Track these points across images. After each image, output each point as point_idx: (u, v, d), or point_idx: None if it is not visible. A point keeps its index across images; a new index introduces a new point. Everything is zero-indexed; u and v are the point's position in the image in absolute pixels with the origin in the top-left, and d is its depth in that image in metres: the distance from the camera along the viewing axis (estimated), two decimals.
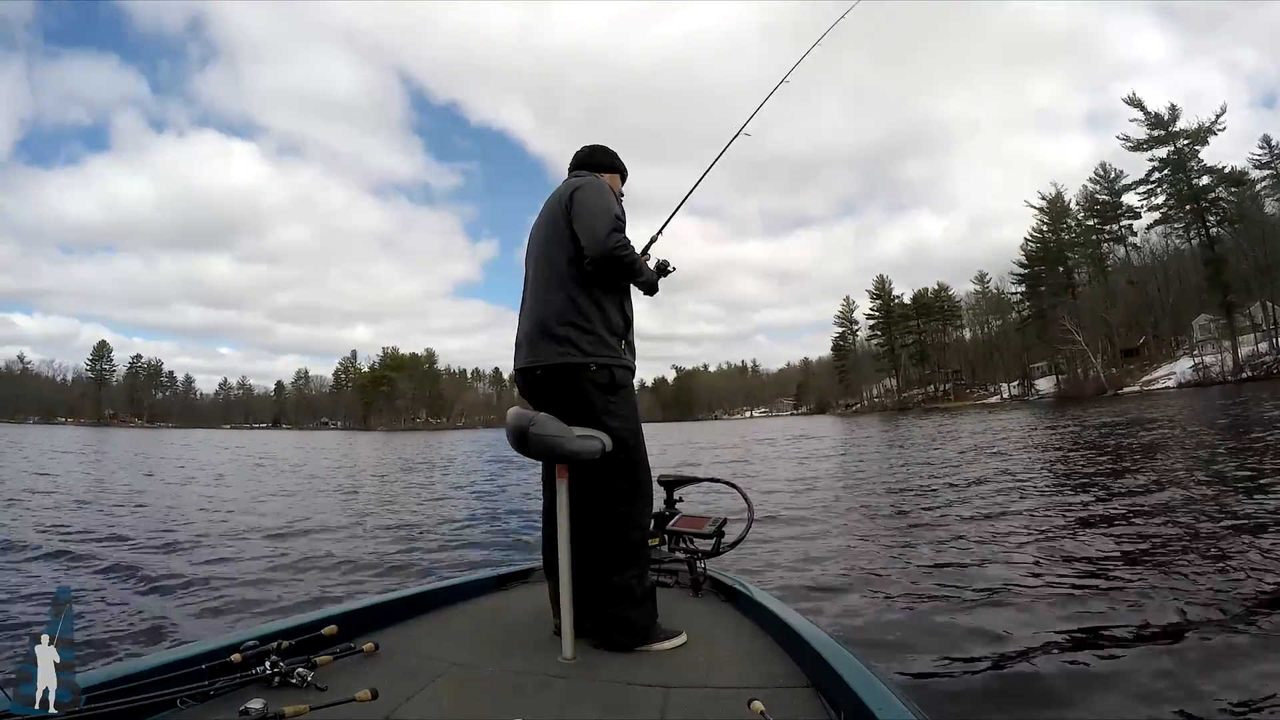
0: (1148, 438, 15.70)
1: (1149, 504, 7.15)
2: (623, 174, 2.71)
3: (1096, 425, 21.53)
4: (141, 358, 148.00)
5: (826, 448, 22.48)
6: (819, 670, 1.91)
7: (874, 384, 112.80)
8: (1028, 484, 9.72)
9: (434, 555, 6.87)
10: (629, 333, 2.44)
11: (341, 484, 15.29)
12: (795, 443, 26.55)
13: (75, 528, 8.41)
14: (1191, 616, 3.79)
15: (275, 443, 47.73)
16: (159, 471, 19.08)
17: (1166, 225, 72.59)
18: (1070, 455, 13.49)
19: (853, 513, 8.41)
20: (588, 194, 2.36)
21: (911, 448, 19.12)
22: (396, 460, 24.82)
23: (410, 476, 17.36)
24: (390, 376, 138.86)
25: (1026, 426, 25.25)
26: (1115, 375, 68.04)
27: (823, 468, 15.23)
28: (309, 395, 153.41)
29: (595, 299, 2.32)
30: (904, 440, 23.33)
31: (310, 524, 8.89)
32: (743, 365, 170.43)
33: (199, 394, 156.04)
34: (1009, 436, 20.50)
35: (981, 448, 16.84)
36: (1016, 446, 16.43)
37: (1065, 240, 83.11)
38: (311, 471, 19.77)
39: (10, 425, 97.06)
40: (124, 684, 1.68)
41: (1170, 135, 69.66)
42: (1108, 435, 17.28)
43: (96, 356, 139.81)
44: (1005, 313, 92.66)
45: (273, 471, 19.56)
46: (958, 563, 5.49)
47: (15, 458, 23.30)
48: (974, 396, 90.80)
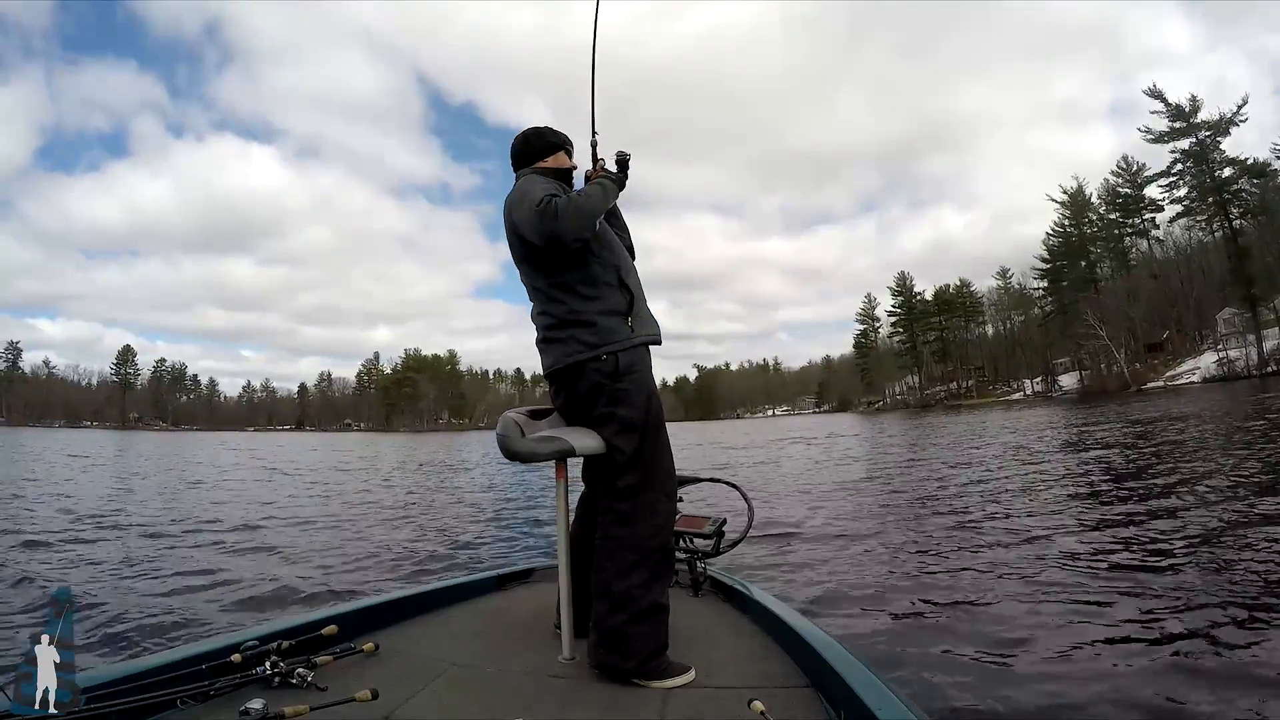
0: (1177, 435, 15.23)
1: (1167, 507, 6.95)
2: (566, 147, 2.53)
3: (1123, 422, 21.02)
4: (166, 361, 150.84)
5: (861, 448, 22.11)
6: (819, 670, 1.93)
7: (896, 381, 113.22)
8: (1046, 485, 9.58)
9: (434, 555, 6.93)
10: (634, 304, 2.31)
11: (361, 488, 15.05)
12: (831, 443, 25.42)
13: (79, 527, 8.70)
14: (1209, 622, 3.71)
15: (295, 445, 47.91)
16: (172, 472, 19.68)
17: (1189, 218, 72.48)
18: (1096, 455, 13.04)
19: (870, 515, 8.31)
20: (512, 204, 2.31)
21: (936, 448, 18.46)
22: (423, 462, 24.81)
23: (427, 478, 17.51)
24: (413, 378, 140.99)
25: (1051, 424, 24.62)
26: (1139, 370, 68.06)
27: (866, 469, 14.69)
28: (332, 397, 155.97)
29: (584, 292, 2.25)
30: (930, 439, 22.87)
31: (325, 523, 9.21)
32: (765, 363, 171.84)
33: (223, 397, 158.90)
34: (1035, 435, 19.97)
35: (1006, 447, 16.47)
36: (1041, 446, 16.09)
37: (1087, 234, 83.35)
38: (334, 471, 20.41)
39: (37, 429, 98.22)
40: (124, 684, 1.71)
41: (1191, 126, 69.40)
42: (1136, 433, 16.81)
43: (121, 360, 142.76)
44: (1028, 308, 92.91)
45: (292, 476, 19.42)
46: (960, 563, 5.51)
47: (33, 459, 24.25)
48: (997, 393, 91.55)
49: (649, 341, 2.33)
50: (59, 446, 37.52)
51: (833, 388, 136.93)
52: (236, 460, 26.35)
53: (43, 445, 38.96)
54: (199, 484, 15.92)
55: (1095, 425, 21.28)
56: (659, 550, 2.19)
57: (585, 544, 2.28)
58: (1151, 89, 71.68)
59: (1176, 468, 9.96)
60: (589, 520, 2.35)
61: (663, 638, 2.11)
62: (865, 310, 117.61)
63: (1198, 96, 69.33)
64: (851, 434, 32.33)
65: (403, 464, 23.81)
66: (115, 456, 26.52)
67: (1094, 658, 3.42)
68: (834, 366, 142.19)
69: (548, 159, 2.47)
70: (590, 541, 2.26)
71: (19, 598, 5.13)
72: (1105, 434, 17.69)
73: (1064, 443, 16.52)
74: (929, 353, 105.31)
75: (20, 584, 5.59)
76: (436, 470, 20.13)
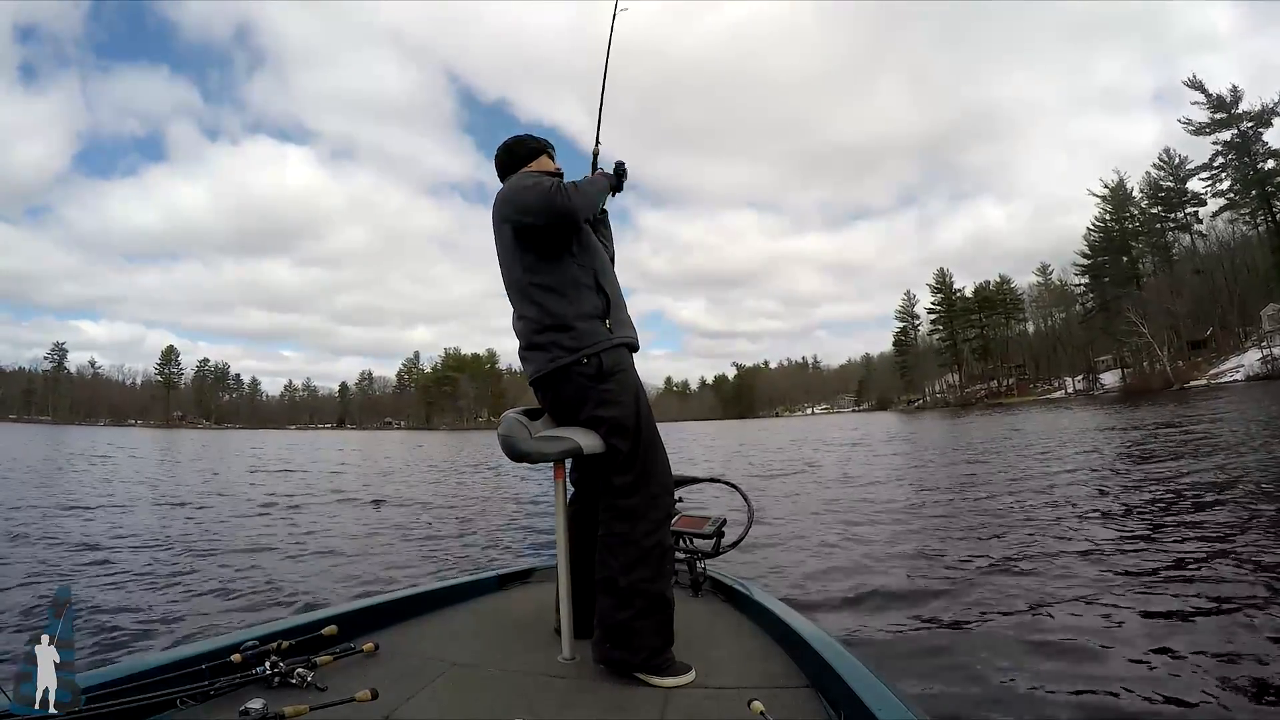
0: (1221, 439, 14.63)
1: (1201, 519, 6.64)
2: (548, 151, 2.63)
3: (1169, 424, 20.04)
4: (209, 361, 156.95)
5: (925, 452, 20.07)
6: (819, 670, 1.96)
7: (936, 379, 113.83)
8: (1068, 489, 9.39)
9: (438, 554, 6.99)
10: (611, 309, 2.37)
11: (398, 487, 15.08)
12: (888, 445, 23.87)
13: (85, 526, 8.73)
14: (1220, 630, 3.72)
15: (330, 443, 48.37)
16: (197, 470, 20.26)
17: (1233, 211, 72.15)
18: (1138, 458, 12.65)
19: (877, 516, 8.31)
20: (508, 197, 2.40)
21: (998, 455, 16.47)
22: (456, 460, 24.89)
23: (450, 477, 17.56)
24: (453, 377, 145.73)
25: (1095, 427, 23.30)
26: (1181, 369, 67.60)
27: (892, 471, 14.48)
28: (373, 396, 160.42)
29: (565, 296, 2.31)
30: (990, 442, 21.03)
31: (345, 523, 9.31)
32: (803, 361, 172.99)
33: (265, 396, 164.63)
34: (1076, 438, 19.12)
35: (1049, 452, 15.81)
36: (1083, 451, 15.33)
37: (1129, 229, 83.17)
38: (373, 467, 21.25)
39: (83, 427, 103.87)
40: (124, 684, 1.73)
41: (1233, 118, 69.37)
42: (1182, 436, 16.04)
43: (164, 361, 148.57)
44: (1069, 305, 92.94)
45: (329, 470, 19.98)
46: (963, 565, 5.56)
47: (71, 457, 24.89)
48: (1037, 391, 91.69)
49: (627, 344, 2.39)
50: (103, 442, 39.63)
51: (872, 386, 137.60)
52: (255, 460, 25.51)
53: (88, 442, 40.16)
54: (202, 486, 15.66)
55: (1137, 428, 20.19)
56: (661, 545, 2.24)
57: (581, 544, 2.34)
58: (1191, 80, 72.01)
59: (1196, 470, 9.85)
60: (584, 520, 2.40)
61: (668, 633, 2.17)
62: (905, 307, 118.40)
63: (1239, 87, 69.44)
64: (918, 435, 30.21)
65: (412, 464, 23.58)
66: (130, 457, 26.63)
67: (1095, 659, 3.44)
68: (873, 365, 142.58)
69: (531, 164, 2.57)
70: (586, 542, 2.33)
71: (18, 598, 5.11)
72: (1144, 435, 17.55)
73: (1098, 449, 15.71)
74: (969, 350, 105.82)
75: (20, 582, 5.60)
76: (457, 471, 19.77)
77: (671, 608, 2.22)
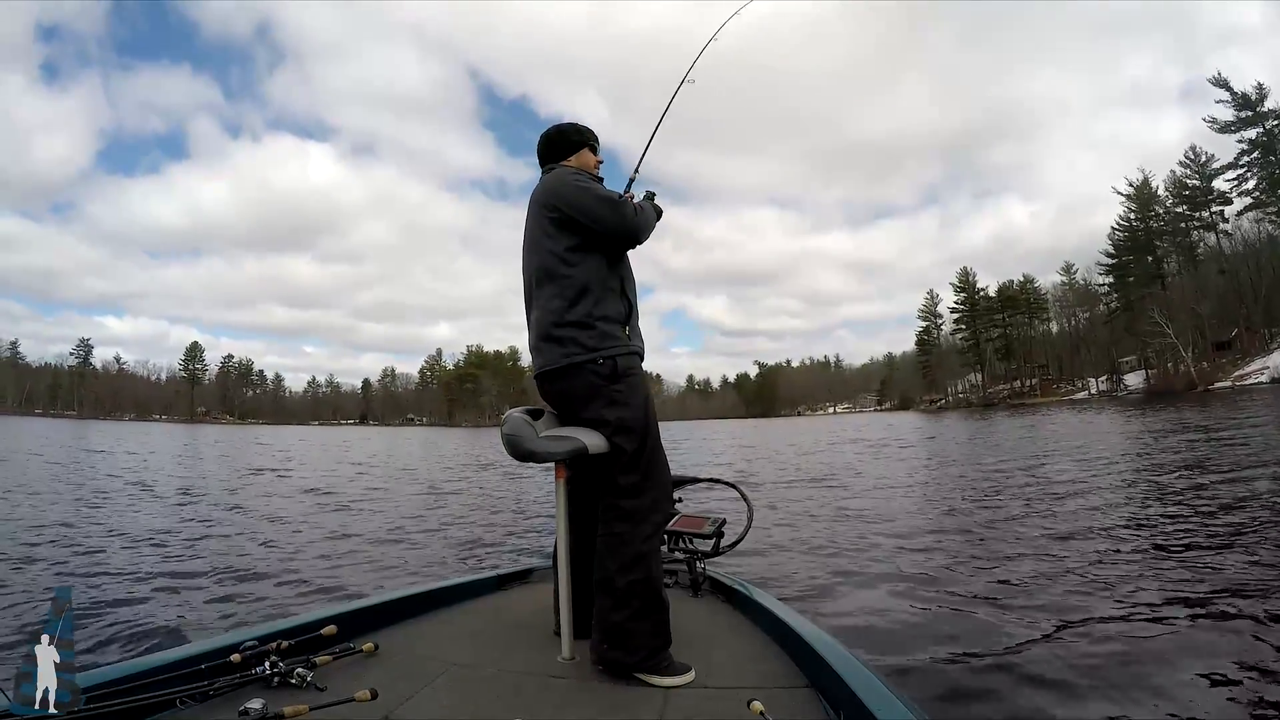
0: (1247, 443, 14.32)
1: (1210, 526, 6.54)
2: (592, 144, 2.65)
3: (1196, 428, 19.57)
4: (233, 357, 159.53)
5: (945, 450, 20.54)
6: (818, 670, 1.98)
7: (959, 379, 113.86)
8: (1083, 494, 9.30)
9: (436, 555, 6.99)
10: (632, 317, 2.44)
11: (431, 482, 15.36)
12: (922, 447, 22.96)
13: (92, 525, 8.61)
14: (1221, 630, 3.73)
15: (354, 439, 49.06)
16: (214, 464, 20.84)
17: (1259, 211, 71.49)
18: (1160, 459, 12.71)
19: (881, 517, 8.35)
20: (560, 185, 2.41)
21: (1028, 459, 15.49)
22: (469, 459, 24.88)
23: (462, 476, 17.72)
24: (475, 374, 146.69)
25: (1121, 430, 22.83)
26: (1206, 370, 67.43)
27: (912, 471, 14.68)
28: (395, 392, 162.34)
29: (592, 294, 2.34)
30: (1026, 445, 19.89)
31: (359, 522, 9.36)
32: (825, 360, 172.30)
33: (288, 391, 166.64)
34: (1102, 441, 18.87)
35: (1071, 454, 15.72)
36: (1111, 453, 15.17)
37: (1154, 228, 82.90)
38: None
39: (109, 421, 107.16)
40: (124, 684, 1.74)
41: (1258, 116, 69.14)
42: (1210, 442, 15.48)
43: (189, 356, 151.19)
44: (1092, 305, 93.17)
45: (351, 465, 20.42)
46: (964, 565, 5.60)
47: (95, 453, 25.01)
48: (1061, 392, 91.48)
49: (640, 353, 2.48)
50: (128, 436, 40.61)
51: (894, 386, 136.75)
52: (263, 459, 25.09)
53: (114, 437, 40.81)
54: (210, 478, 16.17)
55: (1174, 431, 19.60)
56: (655, 549, 2.30)
57: (580, 544, 2.38)
58: (1217, 78, 71.81)
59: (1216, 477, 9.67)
60: (583, 520, 2.42)
61: (666, 633, 2.20)
62: (927, 307, 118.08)
63: (1264, 84, 69.08)
64: (947, 436, 29.16)
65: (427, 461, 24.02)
66: (151, 452, 26.93)
67: (1097, 660, 3.43)
68: (896, 364, 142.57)
69: (571, 157, 2.60)
70: (585, 542, 2.37)
71: (18, 597, 5.10)
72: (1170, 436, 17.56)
73: (1121, 451, 15.60)
74: (992, 350, 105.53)
75: (20, 582, 5.58)
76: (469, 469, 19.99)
77: (668, 608, 2.26)
